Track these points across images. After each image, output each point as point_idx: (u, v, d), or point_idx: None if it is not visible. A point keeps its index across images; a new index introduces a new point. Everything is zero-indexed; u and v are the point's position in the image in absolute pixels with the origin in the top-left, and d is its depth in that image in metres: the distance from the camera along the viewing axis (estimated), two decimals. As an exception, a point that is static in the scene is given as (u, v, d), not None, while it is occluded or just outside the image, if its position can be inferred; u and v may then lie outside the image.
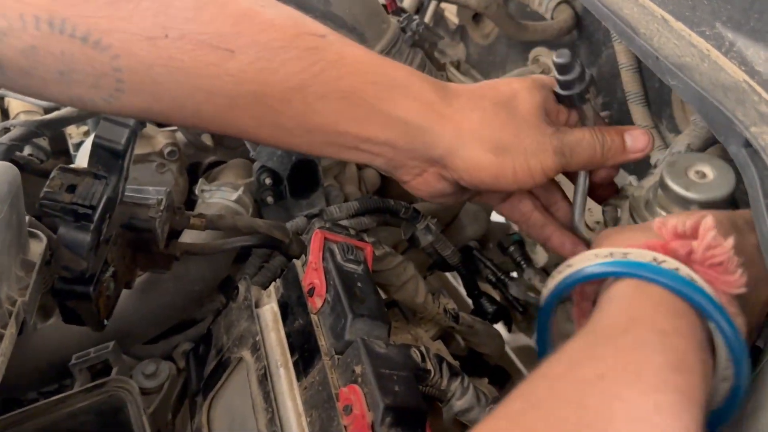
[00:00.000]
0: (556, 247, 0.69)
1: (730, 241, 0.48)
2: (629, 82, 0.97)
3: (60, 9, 0.52)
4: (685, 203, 0.59)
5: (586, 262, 0.51)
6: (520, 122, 0.59)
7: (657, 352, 0.42)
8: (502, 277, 1.07)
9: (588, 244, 0.68)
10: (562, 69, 0.62)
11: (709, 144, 0.78)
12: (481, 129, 0.57)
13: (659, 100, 0.97)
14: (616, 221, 0.70)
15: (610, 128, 0.63)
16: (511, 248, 1.09)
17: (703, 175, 0.60)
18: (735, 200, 0.60)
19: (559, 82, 0.64)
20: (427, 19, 1.37)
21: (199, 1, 0.55)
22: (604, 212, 0.71)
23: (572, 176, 0.71)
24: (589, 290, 0.55)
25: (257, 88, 0.55)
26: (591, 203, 0.73)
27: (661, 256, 0.47)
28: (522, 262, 1.08)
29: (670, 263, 0.47)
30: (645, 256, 0.48)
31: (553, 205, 0.72)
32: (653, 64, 0.58)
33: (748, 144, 0.51)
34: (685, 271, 0.47)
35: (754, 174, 0.50)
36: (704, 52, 0.58)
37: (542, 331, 0.58)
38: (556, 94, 0.65)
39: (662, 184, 0.61)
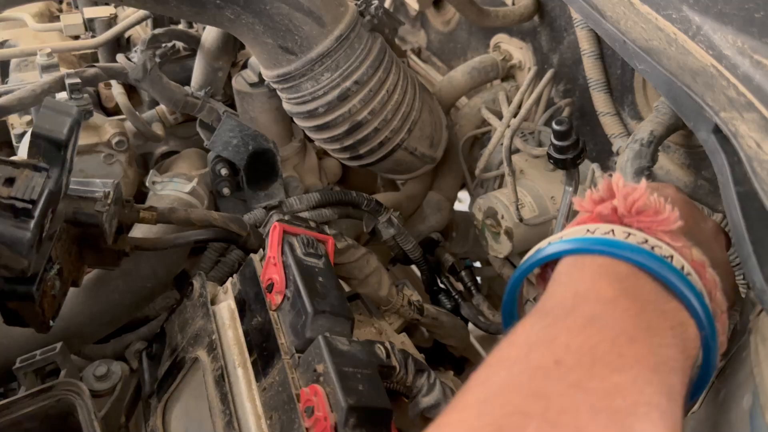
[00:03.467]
0: None
1: (643, 182, 0.47)
2: (591, 69, 0.96)
3: None
4: None
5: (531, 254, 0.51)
6: None
7: (607, 326, 0.41)
8: (456, 296, 1.08)
9: None
10: (559, 135, 0.68)
11: (672, 130, 0.77)
12: None
13: (621, 86, 0.96)
14: None
15: None
16: (463, 273, 1.10)
17: None
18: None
19: (554, 146, 0.68)
20: (386, 5, 1.35)
21: None
22: None
23: None
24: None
25: None
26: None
27: (593, 226, 0.47)
28: (472, 288, 1.09)
29: (603, 228, 0.46)
30: (578, 231, 0.47)
31: None
32: (620, 48, 0.57)
33: (717, 130, 0.49)
34: (619, 230, 0.46)
35: (724, 160, 0.49)
36: (671, 35, 0.56)
37: (508, 308, 0.55)
38: (549, 156, 0.69)
39: None
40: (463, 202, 1.34)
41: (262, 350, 0.62)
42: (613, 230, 0.46)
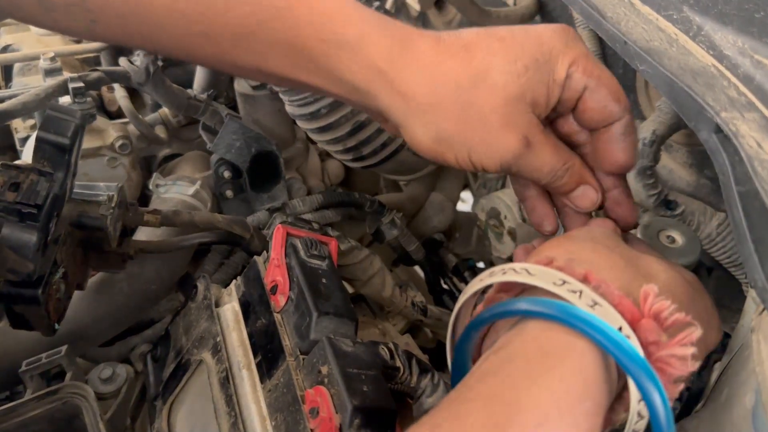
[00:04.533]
0: (527, 209, 0.61)
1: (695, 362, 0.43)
2: (593, 69, 0.96)
3: None
4: None
5: (534, 279, 0.46)
6: (474, 115, 0.50)
7: None
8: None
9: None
10: None
11: (674, 129, 0.78)
12: (427, 112, 0.50)
13: (623, 86, 0.95)
14: None
15: (575, 167, 0.55)
16: (466, 273, 1.10)
17: (673, 240, 0.65)
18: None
19: None
20: (388, 6, 1.35)
21: None
22: None
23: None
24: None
25: (206, 29, 0.53)
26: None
27: (627, 329, 0.42)
28: None
29: (634, 343, 0.42)
30: (615, 320, 0.43)
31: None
32: (621, 49, 0.57)
33: (718, 129, 0.50)
34: (636, 343, 0.43)
35: (725, 160, 0.49)
36: (672, 36, 0.57)
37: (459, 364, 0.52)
38: None
39: None
40: (466, 202, 1.35)
41: (267, 352, 0.63)
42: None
